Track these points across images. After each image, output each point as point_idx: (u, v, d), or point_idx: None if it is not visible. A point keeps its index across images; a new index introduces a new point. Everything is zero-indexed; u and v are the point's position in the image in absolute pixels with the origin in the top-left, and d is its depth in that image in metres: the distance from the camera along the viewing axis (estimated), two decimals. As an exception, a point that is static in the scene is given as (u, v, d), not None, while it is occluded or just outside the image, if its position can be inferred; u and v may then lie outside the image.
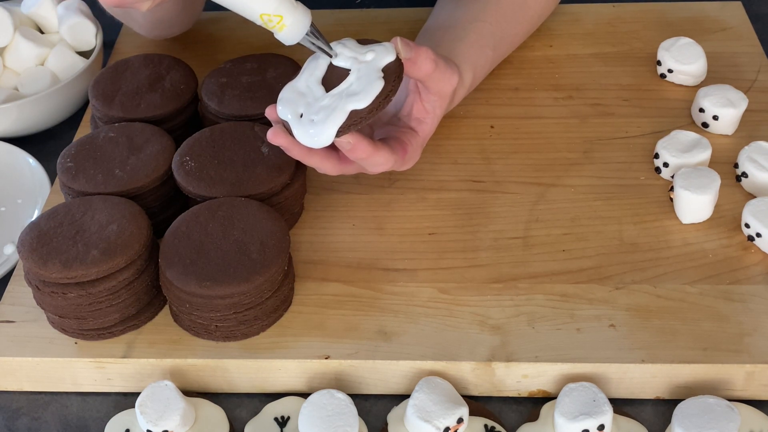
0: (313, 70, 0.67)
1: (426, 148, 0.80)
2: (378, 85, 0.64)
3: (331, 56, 0.65)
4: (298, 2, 0.64)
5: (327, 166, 0.69)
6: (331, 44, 0.66)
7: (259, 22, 0.64)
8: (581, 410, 0.60)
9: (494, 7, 0.81)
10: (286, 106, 0.66)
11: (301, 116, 0.65)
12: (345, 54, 0.66)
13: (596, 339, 0.65)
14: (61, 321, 0.66)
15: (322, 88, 0.65)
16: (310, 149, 0.67)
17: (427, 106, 0.71)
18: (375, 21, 0.96)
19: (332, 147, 0.67)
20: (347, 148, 0.66)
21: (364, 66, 0.65)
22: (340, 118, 0.63)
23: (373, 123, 0.73)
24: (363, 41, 0.67)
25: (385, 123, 0.73)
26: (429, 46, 0.69)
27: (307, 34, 0.64)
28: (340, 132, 0.64)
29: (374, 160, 0.68)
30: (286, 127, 0.66)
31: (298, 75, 0.67)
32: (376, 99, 0.64)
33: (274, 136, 0.66)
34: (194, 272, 0.64)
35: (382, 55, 0.65)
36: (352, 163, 0.70)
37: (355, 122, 0.64)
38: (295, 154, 0.67)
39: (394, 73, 0.65)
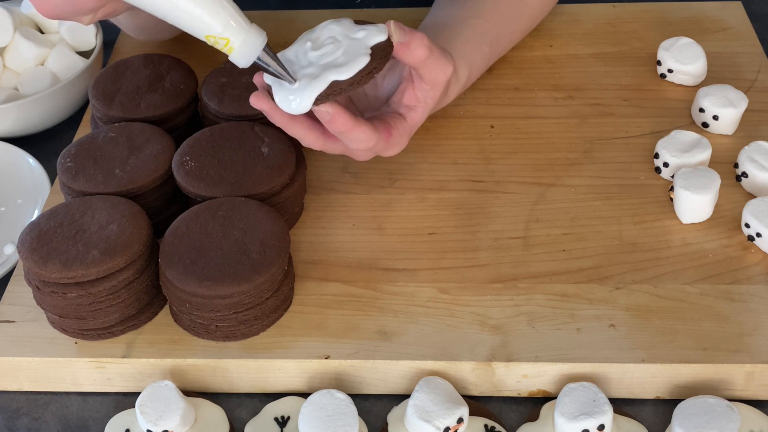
0: (307, 40, 0.67)
1: (426, 148, 0.80)
2: (363, 61, 0.64)
3: (290, 82, 0.65)
4: (252, 24, 0.63)
5: (310, 138, 0.69)
6: (327, 22, 0.67)
7: (208, 43, 0.63)
8: (581, 410, 0.60)
9: (491, 4, 0.81)
10: None
11: (283, 83, 0.65)
12: (337, 31, 0.66)
13: (596, 339, 0.65)
14: (61, 321, 0.66)
15: (309, 58, 0.66)
16: (293, 117, 0.67)
17: (419, 95, 0.71)
18: (375, 21, 0.95)
19: (317, 120, 0.68)
20: (326, 118, 0.66)
21: (354, 42, 0.65)
22: (320, 87, 0.64)
23: (364, 107, 0.73)
24: (360, 22, 0.67)
25: (376, 108, 0.73)
26: None
27: (260, 59, 0.63)
28: (318, 100, 0.64)
29: (354, 134, 0.67)
30: (270, 93, 0.66)
31: (292, 44, 0.68)
32: (359, 73, 0.64)
33: (256, 100, 0.67)
34: (194, 272, 0.64)
35: (374, 34, 0.66)
36: (336, 139, 0.69)
37: (334, 92, 0.64)
38: (277, 120, 0.67)
39: (381, 52, 0.65)
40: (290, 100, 0.64)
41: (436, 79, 0.69)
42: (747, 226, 0.71)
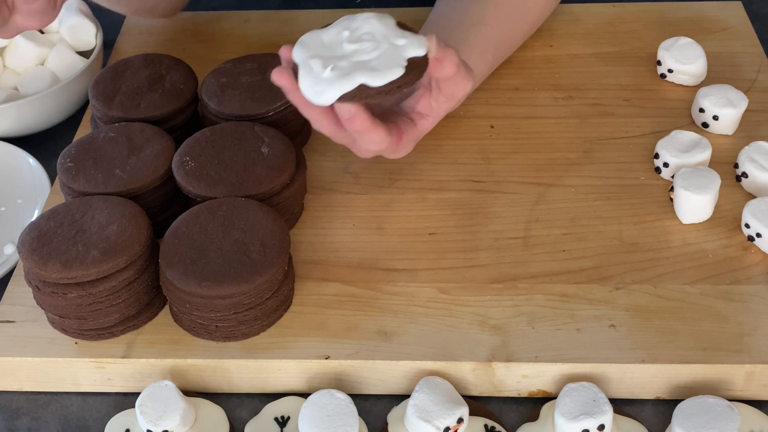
0: (346, 27, 0.65)
1: (426, 148, 0.80)
2: (397, 72, 0.63)
3: None
4: None
5: (322, 123, 0.69)
6: (370, 15, 0.66)
7: None
8: (581, 410, 0.60)
9: (494, 8, 0.81)
10: (303, 50, 0.65)
11: (313, 68, 0.63)
12: (378, 29, 0.65)
13: (596, 339, 0.65)
14: (62, 321, 0.66)
15: (343, 49, 0.64)
16: (319, 111, 0.67)
17: (433, 104, 0.71)
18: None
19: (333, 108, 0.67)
20: (346, 116, 0.65)
21: (392, 48, 0.64)
22: (348, 86, 0.62)
23: (374, 104, 0.73)
24: (402, 25, 0.66)
25: (386, 108, 0.73)
26: None
27: None
28: (343, 99, 0.63)
29: (370, 136, 0.67)
30: (294, 71, 0.65)
31: (329, 26, 0.66)
32: (390, 84, 0.63)
33: (278, 76, 0.66)
34: (194, 272, 0.64)
35: (414, 46, 0.64)
36: (345, 132, 0.69)
37: (360, 96, 0.63)
38: (295, 99, 0.67)
39: (416, 68, 0.64)
40: (315, 90, 0.63)
41: (454, 94, 0.70)
42: (747, 226, 0.71)
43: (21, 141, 0.88)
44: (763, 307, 0.66)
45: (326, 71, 0.63)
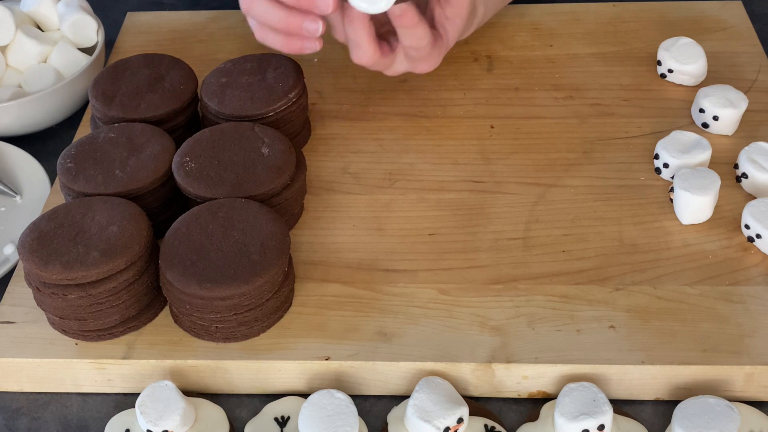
0: None
1: (426, 148, 0.81)
2: None
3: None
4: None
5: (368, 48, 0.73)
6: None
7: None
8: (581, 410, 0.60)
9: None
10: None
11: None
12: None
13: (596, 340, 0.65)
14: (62, 322, 0.66)
15: None
16: (362, 21, 0.71)
17: (447, 14, 0.75)
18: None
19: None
20: (398, 13, 0.69)
21: None
22: None
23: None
24: None
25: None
26: None
27: None
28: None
29: (416, 31, 0.72)
30: None
31: None
32: None
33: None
34: (194, 273, 0.64)
35: None
36: (387, 54, 0.75)
37: None
38: (353, 16, 0.71)
39: None
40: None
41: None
42: (747, 227, 0.71)
43: (21, 141, 0.88)
44: (763, 308, 0.66)
45: None
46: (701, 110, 0.80)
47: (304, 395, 0.64)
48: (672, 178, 0.76)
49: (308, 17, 0.70)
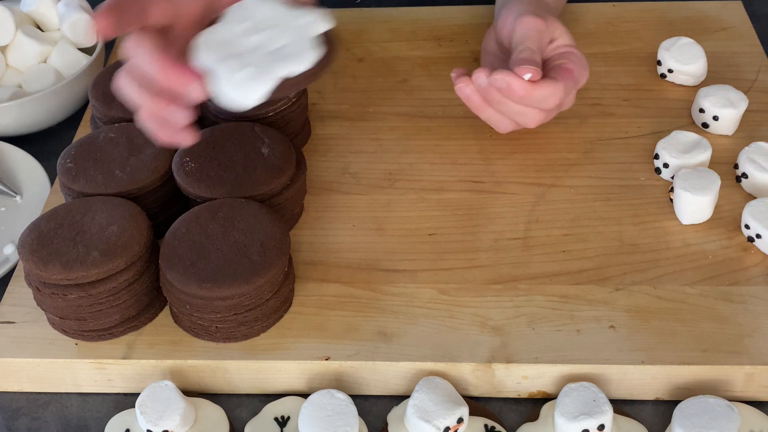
0: (236, 21, 0.62)
1: (426, 148, 0.81)
2: (316, 52, 0.59)
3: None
4: None
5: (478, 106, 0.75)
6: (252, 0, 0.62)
7: None
8: (581, 410, 0.60)
9: None
10: (208, 54, 0.60)
11: (227, 71, 0.59)
12: (272, 15, 0.61)
13: (596, 340, 0.65)
14: (62, 322, 0.66)
15: (249, 42, 0.60)
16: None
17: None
18: (375, 20, 0.95)
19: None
20: (503, 85, 0.71)
21: (299, 29, 0.61)
22: (272, 80, 0.59)
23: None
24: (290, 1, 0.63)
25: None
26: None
27: None
28: (274, 93, 0.58)
29: (539, 92, 0.71)
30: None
31: (216, 25, 0.62)
32: (317, 66, 0.59)
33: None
34: (195, 273, 0.64)
35: (318, 21, 0.61)
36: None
37: (287, 87, 0.59)
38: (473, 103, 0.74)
39: (332, 44, 0.61)
40: (237, 94, 0.58)
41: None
42: (747, 227, 0.71)
43: (21, 141, 0.88)
44: (763, 308, 0.66)
45: (244, 71, 0.59)
46: (701, 110, 0.80)
47: (304, 395, 0.64)
48: (672, 178, 0.76)
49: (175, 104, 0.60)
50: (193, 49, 0.61)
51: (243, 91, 0.59)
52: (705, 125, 0.80)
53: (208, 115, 0.79)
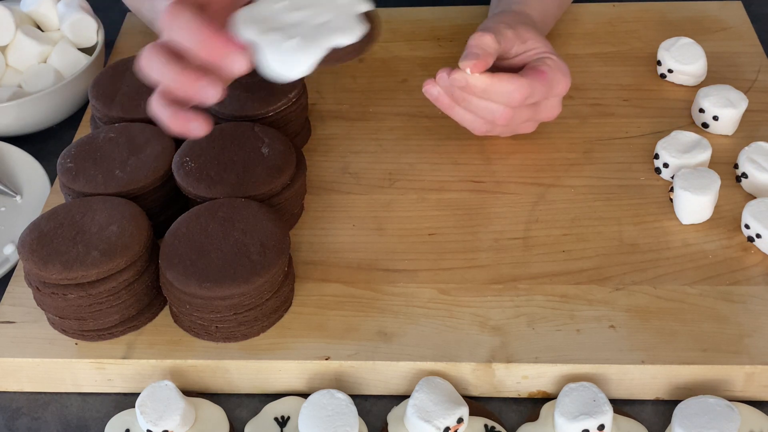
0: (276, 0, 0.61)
1: (426, 148, 0.81)
2: (360, 28, 0.60)
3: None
4: None
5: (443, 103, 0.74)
6: None
7: None
8: (581, 410, 0.60)
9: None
10: (250, 28, 0.59)
11: (274, 41, 0.58)
12: None
13: (596, 340, 0.65)
14: (62, 322, 0.66)
15: (292, 17, 0.60)
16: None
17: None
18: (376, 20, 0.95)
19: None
20: (462, 83, 0.72)
21: (340, 8, 0.61)
22: (320, 51, 0.58)
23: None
24: None
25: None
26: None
27: None
28: (320, 64, 0.58)
29: (497, 88, 0.71)
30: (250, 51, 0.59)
31: (257, 3, 0.61)
32: (361, 42, 0.60)
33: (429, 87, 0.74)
34: (194, 273, 0.64)
35: (358, 1, 0.62)
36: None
37: (333, 59, 0.59)
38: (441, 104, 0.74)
39: (374, 23, 0.62)
40: (286, 64, 0.58)
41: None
42: (747, 227, 0.71)
43: (21, 141, 0.88)
44: (763, 308, 0.66)
45: (291, 41, 0.58)
46: (701, 110, 0.80)
47: (304, 395, 0.64)
48: (672, 178, 0.76)
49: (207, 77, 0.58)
50: (233, 25, 0.60)
51: (290, 61, 0.58)
52: (705, 125, 0.80)
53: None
